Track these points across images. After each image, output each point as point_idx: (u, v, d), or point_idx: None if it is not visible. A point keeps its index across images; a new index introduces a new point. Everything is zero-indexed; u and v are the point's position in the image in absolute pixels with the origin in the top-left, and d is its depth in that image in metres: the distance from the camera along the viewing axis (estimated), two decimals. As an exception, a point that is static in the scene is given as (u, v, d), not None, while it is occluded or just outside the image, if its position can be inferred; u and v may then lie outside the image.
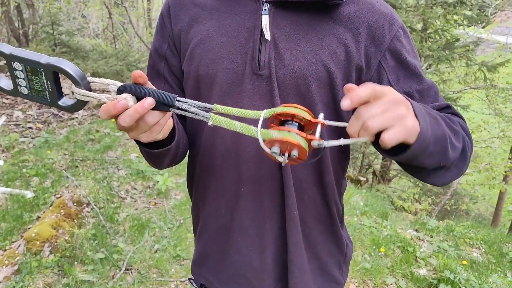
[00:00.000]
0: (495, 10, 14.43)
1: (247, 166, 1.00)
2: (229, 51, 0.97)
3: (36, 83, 0.77)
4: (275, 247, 1.06)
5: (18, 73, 0.77)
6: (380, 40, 0.96)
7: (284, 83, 0.95)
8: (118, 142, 5.50)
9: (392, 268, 3.44)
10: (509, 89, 10.43)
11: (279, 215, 1.03)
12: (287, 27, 0.95)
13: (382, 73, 0.98)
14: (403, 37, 0.99)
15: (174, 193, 4.37)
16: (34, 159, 4.65)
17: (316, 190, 1.04)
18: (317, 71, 0.94)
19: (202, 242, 1.15)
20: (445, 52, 8.68)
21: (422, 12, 8.24)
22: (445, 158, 0.84)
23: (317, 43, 0.94)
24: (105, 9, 12.40)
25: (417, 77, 0.99)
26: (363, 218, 4.34)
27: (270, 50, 0.94)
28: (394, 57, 0.98)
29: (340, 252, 1.15)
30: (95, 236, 3.34)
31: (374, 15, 0.96)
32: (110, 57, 9.64)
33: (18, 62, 0.76)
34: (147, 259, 3.17)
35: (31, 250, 2.97)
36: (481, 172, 9.81)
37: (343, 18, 0.95)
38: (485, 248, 4.05)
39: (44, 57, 0.75)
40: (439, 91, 1.03)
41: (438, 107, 0.99)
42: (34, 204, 3.71)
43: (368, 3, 0.97)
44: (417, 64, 1.01)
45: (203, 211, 1.12)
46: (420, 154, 0.76)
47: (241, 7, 0.98)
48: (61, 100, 0.79)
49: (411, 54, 1.00)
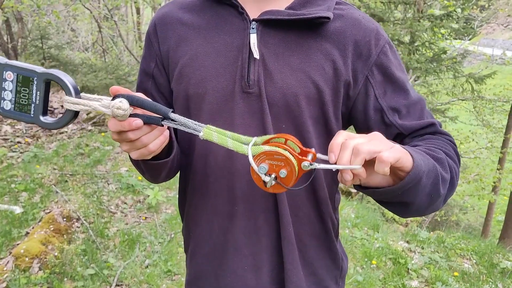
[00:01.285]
0: (481, 22, 14.66)
1: (240, 184, 0.99)
2: (218, 70, 0.97)
3: (24, 95, 0.76)
4: (271, 266, 1.04)
5: (6, 84, 0.76)
6: (367, 55, 0.97)
7: (274, 100, 0.95)
8: (108, 156, 5.47)
9: (384, 281, 3.44)
10: (496, 100, 10.58)
11: (274, 233, 1.02)
12: (275, 45, 0.95)
13: (369, 88, 0.99)
14: (390, 51, 1.00)
15: (164, 207, 4.34)
16: (23, 174, 4.60)
17: (311, 207, 1.04)
18: (306, 88, 0.94)
19: (195, 263, 1.13)
20: (432, 64, 8.80)
21: (409, 25, 8.35)
22: (436, 191, 0.85)
23: (306, 60, 0.95)
24: (94, 23, 12.39)
25: (404, 92, 1.00)
26: (354, 230, 4.34)
27: (259, 69, 0.94)
28: (381, 72, 0.98)
29: (336, 267, 1.14)
30: (85, 251, 3.30)
31: (360, 31, 0.97)
32: (100, 70, 9.61)
33: (11, 71, 0.75)
34: (138, 275, 3.13)
35: (20, 266, 2.92)
36: (471, 182, 9.89)
37: (330, 34, 0.96)
38: (476, 259, 4.06)
39: (38, 67, 0.76)
40: (426, 104, 1.04)
41: (422, 125, 1.00)
42: (23, 219, 3.67)
43: (353, 18, 0.98)
44: (404, 79, 1.01)
45: (196, 231, 1.11)
46: (414, 186, 0.78)
47: (228, 25, 0.98)
48: (44, 117, 0.77)
49: (398, 68, 1.00)
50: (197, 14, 1.03)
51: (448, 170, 0.90)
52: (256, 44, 0.94)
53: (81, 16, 12.62)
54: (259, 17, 0.95)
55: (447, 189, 0.89)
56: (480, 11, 13.95)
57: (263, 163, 0.76)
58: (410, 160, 0.76)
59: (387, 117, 0.99)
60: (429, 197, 0.85)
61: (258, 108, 0.95)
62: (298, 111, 0.95)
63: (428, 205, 0.87)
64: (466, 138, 10.85)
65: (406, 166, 0.76)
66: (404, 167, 0.76)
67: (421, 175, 0.78)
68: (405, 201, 0.84)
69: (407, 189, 0.78)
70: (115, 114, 0.76)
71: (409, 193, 0.80)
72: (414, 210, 0.88)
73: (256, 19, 0.95)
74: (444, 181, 0.87)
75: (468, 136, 10.88)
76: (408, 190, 0.78)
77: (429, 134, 1.00)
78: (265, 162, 0.75)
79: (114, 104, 0.75)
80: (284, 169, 0.75)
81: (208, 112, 0.98)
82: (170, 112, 0.78)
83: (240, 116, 0.96)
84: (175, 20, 1.04)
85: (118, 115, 0.76)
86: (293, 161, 0.75)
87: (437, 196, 0.86)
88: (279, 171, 0.75)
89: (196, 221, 1.10)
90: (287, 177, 0.76)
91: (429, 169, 0.81)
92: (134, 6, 14.91)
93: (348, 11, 0.99)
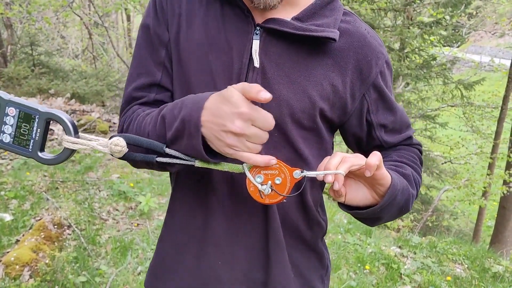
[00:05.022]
0: (469, 30, 14.84)
1: (230, 185, 0.99)
2: (216, 72, 0.95)
3: (24, 130, 0.80)
4: (250, 266, 1.03)
5: (7, 119, 0.79)
6: (367, 74, 0.99)
7: (268, 110, 0.94)
8: (99, 163, 5.43)
9: (378, 286, 3.44)
10: (485, 106, 10.69)
11: (259, 236, 1.02)
12: (276, 55, 0.94)
13: (364, 104, 1.03)
14: (387, 71, 1.04)
15: (157, 214, 4.31)
16: (13, 181, 4.55)
17: (298, 211, 1.04)
18: (302, 102, 0.95)
19: (164, 248, 1.10)
20: (422, 71, 8.88)
21: (399, 32, 8.43)
22: (406, 206, 0.97)
23: (305, 74, 0.95)
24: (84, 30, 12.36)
25: (393, 110, 1.07)
26: (347, 235, 4.35)
27: (257, 77, 0.94)
28: (377, 91, 1.02)
29: (322, 266, 1.15)
30: (77, 259, 3.26)
31: (364, 49, 0.98)
32: (90, 77, 9.59)
33: (14, 107, 0.79)
34: (130, 282, 3.10)
35: (10, 274, 2.88)
36: (461, 188, 9.94)
37: (333, 50, 0.96)
38: (468, 264, 4.08)
39: (41, 106, 0.80)
40: (405, 113, 1.13)
41: (400, 140, 1.11)
42: (13, 227, 3.62)
43: (359, 34, 0.98)
44: (393, 98, 1.08)
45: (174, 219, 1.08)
46: (391, 202, 0.89)
47: (233, 26, 0.96)
48: (42, 153, 0.82)
49: (389, 86, 1.06)
50: (205, 6, 0.99)
51: (414, 186, 1.01)
52: (258, 52, 0.93)
53: (72, 23, 12.59)
54: (265, 23, 0.94)
55: (412, 202, 1.01)
56: (468, 18, 14.11)
57: (258, 174, 0.82)
58: (388, 176, 0.87)
59: (375, 132, 1.07)
60: (400, 210, 0.96)
61: None
62: (291, 122, 0.96)
63: (396, 216, 0.99)
64: (456, 144, 10.95)
65: (386, 179, 0.86)
66: (384, 181, 0.86)
67: (397, 193, 0.89)
68: (380, 216, 0.94)
69: (385, 207, 0.88)
70: (113, 151, 0.82)
71: (385, 209, 0.90)
72: (384, 221, 0.99)
73: (261, 26, 0.94)
74: (412, 196, 0.98)
75: (458, 142, 10.97)
76: (386, 207, 0.89)
77: (404, 145, 1.13)
78: (260, 173, 0.82)
79: (112, 142, 0.81)
80: (278, 177, 0.82)
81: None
82: (164, 147, 0.83)
83: None
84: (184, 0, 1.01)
85: (115, 151, 0.82)
86: (286, 169, 0.82)
87: (406, 210, 0.97)
88: (274, 179, 0.82)
89: (177, 211, 1.07)
90: (281, 184, 0.82)
91: (402, 187, 0.92)
92: (125, 13, 14.91)
93: (355, 24, 0.99)
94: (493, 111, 10.74)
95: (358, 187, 0.90)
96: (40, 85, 8.45)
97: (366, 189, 0.90)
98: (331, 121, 1.02)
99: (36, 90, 8.42)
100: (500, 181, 9.46)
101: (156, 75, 1.01)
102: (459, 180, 10.27)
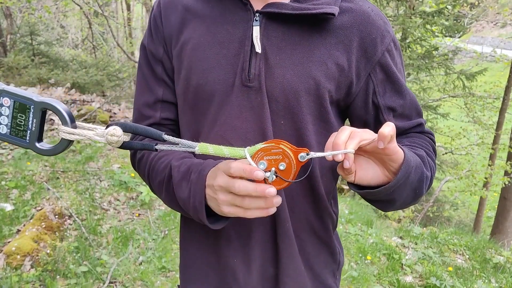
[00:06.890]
0: (470, 20, 14.76)
1: None
2: (219, 62, 0.95)
3: (20, 121, 0.77)
4: (262, 261, 1.03)
5: (3, 110, 0.77)
6: (372, 53, 0.96)
7: (273, 95, 0.93)
8: (99, 153, 5.42)
9: (379, 276, 3.44)
10: (486, 97, 10.64)
11: (268, 229, 1.00)
12: (278, 39, 0.93)
13: (370, 85, 0.99)
14: (394, 50, 1.00)
15: (158, 204, 4.31)
16: (14, 171, 4.54)
17: (307, 203, 1.03)
18: (306, 84, 0.93)
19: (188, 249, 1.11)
20: (424, 61, 8.83)
21: (401, 22, 8.37)
22: (420, 187, 0.89)
23: (308, 55, 0.93)
24: (84, 19, 12.29)
25: (402, 92, 1.01)
26: (348, 226, 4.35)
27: (260, 63, 0.93)
28: (383, 70, 0.98)
29: (334, 261, 1.13)
30: (78, 249, 3.26)
31: (367, 26, 0.95)
32: (90, 67, 9.57)
33: (8, 97, 0.76)
34: (132, 272, 3.10)
35: (11, 264, 2.88)
36: (462, 179, 9.94)
37: (335, 29, 0.94)
38: (469, 254, 4.09)
39: (36, 95, 0.77)
40: (416, 100, 1.06)
41: (411, 125, 1.04)
42: (14, 217, 3.62)
43: (363, 12, 0.96)
44: (403, 79, 1.02)
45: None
46: (404, 181, 0.82)
47: (232, 15, 0.96)
48: (39, 143, 0.79)
49: (399, 67, 1.01)
50: (202, 1, 1.01)
51: (429, 168, 0.94)
52: (259, 38, 0.92)
53: (71, 12, 12.53)
54: (263, 9, 0.93)
55: (427, 186, 0.93)
56: (470, 8, 14.02)
57: (261, 160, 0.78)
58: (401, 151, 0.80)
59: (382, 116, 1.01)
60: (414, 192, 0.89)
61: (258, 102, 0.94)
62: (298, 107, 0.94)
63: (411, 201, 0.92)
64: (457, 135, 10.91)
65: (399, 154, 0.79)
66: (397, 155, 0.79)
67: (410, 170, 0.82)
68: (393, 198, 0.87)
69: (398, 186, 0.82)
70: (110, 141, 0.78)
71: (399, 189, 0.83)
72: (398, 206, 0.93)
73: (260, 11, 0.93)
74: (426, 177, 0.91)
75: (460, 132, 10.93)
76: (399, 186, 0.82)
77: (415, 133, 1.05)
78: (263, 159, 0.78)
79: (108, 132, 0.78)
80: (282, 162, 0.77)
81: (207, 104, 0.97)
82: (163, 134, 0.81)
83: (238, 109, 0.95)
84: (180, 5, 1.03)
85: (112, 142, 0.78)
86: (290, 153, 0.77)
87: (420, 193, 0.91)
88: (278, 164, 0.77)
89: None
90: (286, 169, 0.77)
91: (416, 164, 0.85)
92: (125, 2, 14.83)
93: (358, 2, 0.97)
94: (495, 102, 10.69)
95: (368, 164, 0.84)
96: (40, 74, 8.42)
97: (377, 167, 0.84)
98: (338, 104, 0.99)
99: (36, 80, 8.40)
100: (501, 171, 9.47)
101: (157, 92, 1.07)
102: (460, 171, 10.26)
